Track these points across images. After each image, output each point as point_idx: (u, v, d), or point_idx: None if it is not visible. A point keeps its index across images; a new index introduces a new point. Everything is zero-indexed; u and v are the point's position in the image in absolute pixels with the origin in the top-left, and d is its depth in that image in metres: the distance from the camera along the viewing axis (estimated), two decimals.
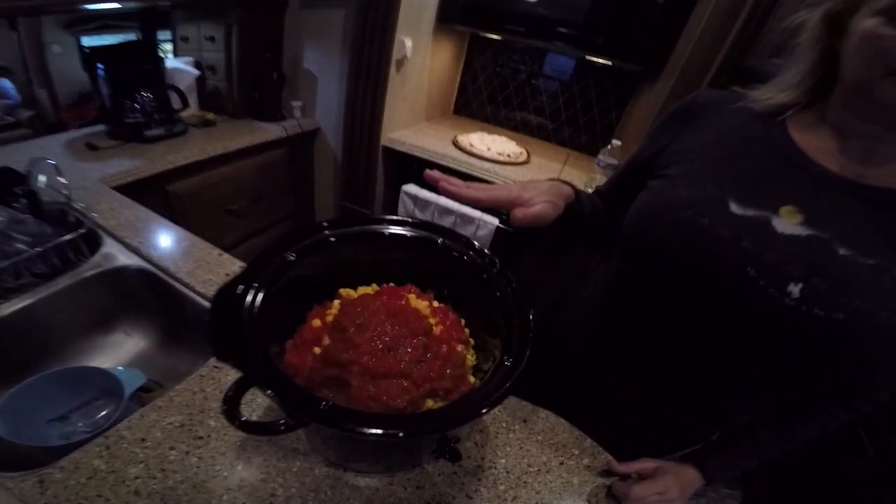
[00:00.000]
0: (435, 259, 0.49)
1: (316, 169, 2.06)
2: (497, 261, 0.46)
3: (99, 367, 0.74)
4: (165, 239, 0.90)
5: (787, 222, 0.46)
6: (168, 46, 2.07)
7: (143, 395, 0.75)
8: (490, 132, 1.84)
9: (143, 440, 0.54)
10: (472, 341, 0.49)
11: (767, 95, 0.54)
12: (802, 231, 0.46)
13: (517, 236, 1.65)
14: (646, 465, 0.59)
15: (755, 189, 0.49)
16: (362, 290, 0.47)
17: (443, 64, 1.93)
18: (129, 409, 0.65)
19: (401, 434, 0.28)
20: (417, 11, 1.60)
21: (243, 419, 0.37)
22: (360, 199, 1.89)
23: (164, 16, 2.14)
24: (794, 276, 0.44)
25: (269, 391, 0.30)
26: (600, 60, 1.62)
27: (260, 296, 0.37)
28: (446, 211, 1.65)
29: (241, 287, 0.37)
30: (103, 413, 0.74)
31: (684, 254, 0.50)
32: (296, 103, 1.85)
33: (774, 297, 0.45)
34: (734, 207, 0.48)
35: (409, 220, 0.48)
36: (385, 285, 0.48)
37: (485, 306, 0.47)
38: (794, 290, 0.44)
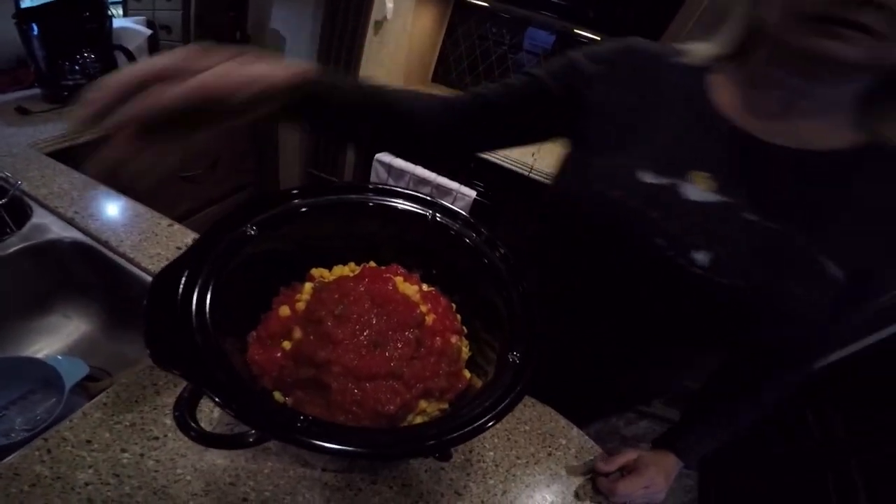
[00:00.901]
0: (422, 235, 0.42)
1: (280, 133, 1.91)
2: (500, 243, 0.40)
3: (33, 357, 0.66)
4: (106, 208, 0.79)
5: (698, 188, 0.45)
6: (119, 11, 1.90)
7: (90, 384, 0.67)
8: None
9: (89, 442, 0.47)
10: (465, 330, 0.43)
11: (699, 48, 0.51)
12: (712, 197, 0.45)
13: (494, 209, 1.60)
14: (628, 457, 0.59)
15: (669, 154, 0.47)
16: (338, 270, 0.40)
17: (424, 29, 1.82)
18: (73, 403, 0.58)
19: (400, 454, 0.23)
20: None
21: (200, 429, 0.30)
22: (328, 167, 1.78)
23: None
24: (699, 244, 0.44)
25: (227, 408, 0.23)
26: (588, 35, 1.55)
27: (212, 281, 0.30)
28: (423, 181, 1.58)
29: (186, 271, 0.29)
30: (44, 407, 0.65)
31: (600, 225, 0.49)
32: None
33: (681, 265, 0.45)
34: (646, 176, 0.47)
35: (397, 189, 0.41)
36: (365, 265, 0.41)
37: (481, 291, 0.41)
38: (700, 257, 0.44)
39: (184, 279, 0.28)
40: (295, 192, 0.37)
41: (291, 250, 0.38)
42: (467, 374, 0.39)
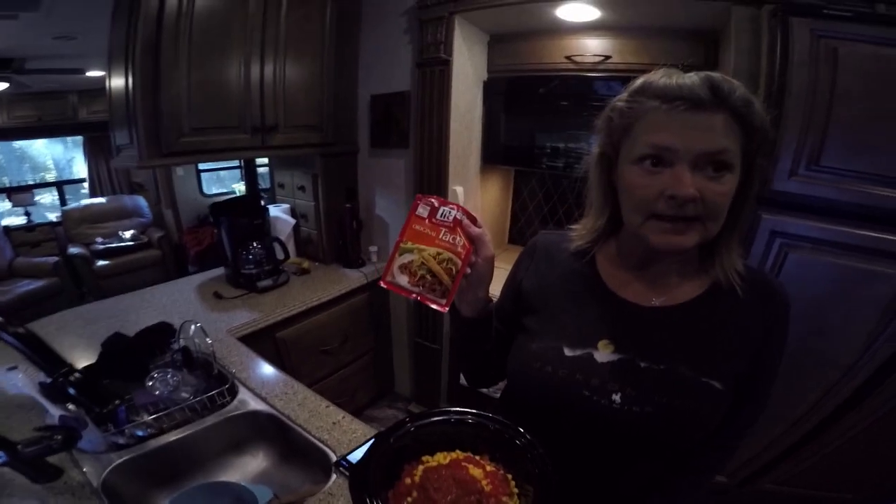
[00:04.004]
0: (488, 434, 0.74)
1: (392, 308, 2.40)
2: (528, 434, 0.71)
3: (239, 483, 1.01)
4: (284, 391, 1.23)
5: (604, 353, 0.69)
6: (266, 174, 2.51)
7: None
8: None
9: None
10: (516, 491, 0.72)
11: (579, 235, 0.76)
12: (615, 357, 0.68)
13: None
14: None
15: (581, 331, 0.71)
16: (438, 457, 0.73)
17: (493, 198, 2.26)
18: None
19: None
20: (464, 159, 1.96)
21: None
22: (429, 336, 2.16)
23: None
24: (614, 388, 0.66)
25: None
26: None
27: (373, 464, 0.66)
28: None
29: (363, 460, 0.66)
30: None
31: (543, 391, 0.71)
32: (372, 248, 2.25)
33: (604, 404, 0.66)
34: (567, 352, 0.70)
35: (470, 411, 0.75)
36: (453, 455, 0.73)
37: (524, 469, 0.71)
38: (616, 397, 0.66)
39: (362, 464, 0.64)
40: (408, 419, 0.72)
41: (412, 445, 0.72)
42: None
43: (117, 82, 1.60)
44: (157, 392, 1.14)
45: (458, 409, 0.75)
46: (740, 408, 0.70)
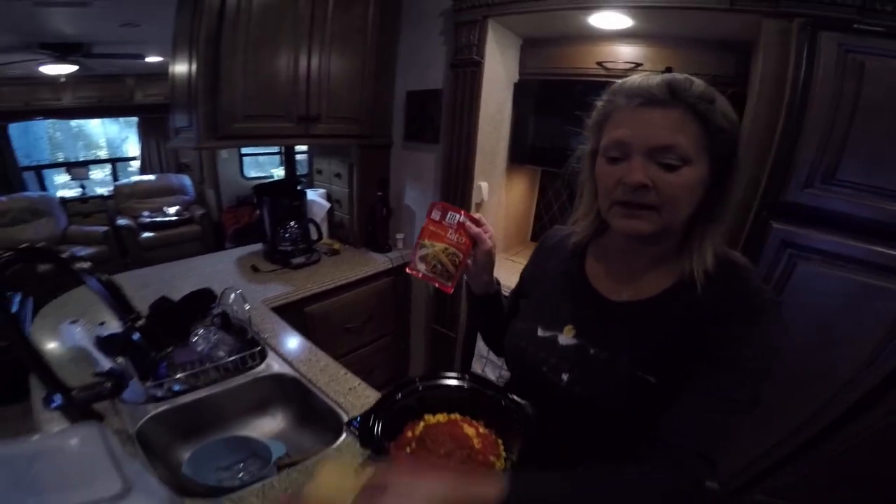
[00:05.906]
0: (486, 402, 0.84)
1: (413, 295, 2.50)
2: (526, 405, 0.79)
3: (257, 438, 1.14)
4: (309, 358, 1.36)
5: (566, 337, 0.78)
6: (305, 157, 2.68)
7: (278, 459, 1.05)
8: None
9: (286, 489, 0.87)
10: (504, 455, 0.81)
11: (576, 231, 0.86)
12: (573, 341, 0.77)
13: None
14: None
15: (553, 315, 0.81)
16: (438, 416, 0.83)
17: (518, 196, 2.33)
18: (270, 469, 1.01)
19: None
20: (491, 157, 2.04)
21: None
22: (446, 324, 2.26)
23: None
24: (564, 369, 0.76)
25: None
26: None
27: (381, 417, 0.77)
28: None
29: (372, 415, 0.77)
30: (251, 469, 1.07)
31: (518, 363, 0.85)
32: (399, 235, 2.37)
33: (555, 381, 0.77)
34: (540, 332, 0.81)
35: (475, 378, 0.85)
36: (452, 416, 0.83)
37: (514, 429, 0.80)
38: (564, 377, 0.76)
39: (372, 416, 0.75)
40: (417, 378, 0.84)
41: (415, 405, 0.83)
42: None
43: (180, 69, 1.76)
44: (199, 347, 1.28)
45: (462, 374, 0.86)
46: (676, 407, 0.65)
